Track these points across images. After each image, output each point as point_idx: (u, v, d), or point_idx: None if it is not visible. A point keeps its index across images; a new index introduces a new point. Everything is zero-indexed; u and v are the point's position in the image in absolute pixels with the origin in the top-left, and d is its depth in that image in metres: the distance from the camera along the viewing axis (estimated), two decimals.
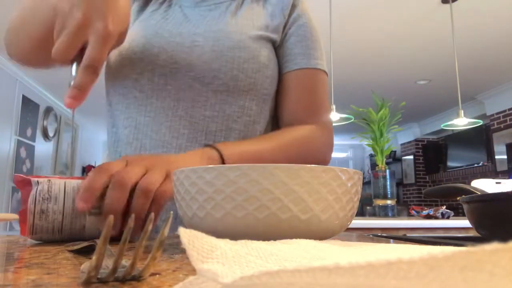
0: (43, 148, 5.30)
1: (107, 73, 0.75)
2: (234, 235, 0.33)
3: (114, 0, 0.48)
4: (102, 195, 0.45)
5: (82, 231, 0.46)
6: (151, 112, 0.69)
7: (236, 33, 0.70)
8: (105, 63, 0.73)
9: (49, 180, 0.46)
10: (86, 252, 0.34)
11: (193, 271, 0.24)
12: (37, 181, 0.45)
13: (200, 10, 0.75)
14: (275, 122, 0.79)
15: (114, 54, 0.73)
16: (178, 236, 0.18)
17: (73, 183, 0.47)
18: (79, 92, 0.47)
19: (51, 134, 5.45)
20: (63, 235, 0.45)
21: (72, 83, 0.47)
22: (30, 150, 4.94)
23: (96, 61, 0.47)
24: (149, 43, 0.70)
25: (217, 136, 0.68)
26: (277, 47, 0.76)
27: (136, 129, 0.70)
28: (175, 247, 0.39)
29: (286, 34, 0.76)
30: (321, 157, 0.74)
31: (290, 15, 0.76)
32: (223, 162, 0.59)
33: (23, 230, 0.45)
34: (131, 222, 0.20)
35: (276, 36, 0.74)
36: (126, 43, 0.71)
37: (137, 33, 0.72)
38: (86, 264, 0.23)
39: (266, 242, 0.26)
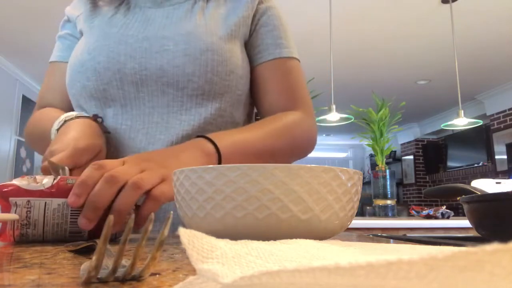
0: None
1: (71, 87, 0.72)
2: (234, 235, 0.33)
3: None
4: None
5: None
6: (127, 121, 0.68)
7: (207, 34, 0.69)
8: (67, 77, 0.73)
9: (28, 202, 0.43)
10: (86, 252, 0.34)
11: (193, 271, 0.24)
12: (15, 203, 0.43)
13: (163, 11, 0.73)
14: (250, 120, 0.80)
15: (76, 66, 0.70)
16: (178, 236, 0.18)
17: (54, 203, 0.44)
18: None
19: None
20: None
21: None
22: (30, 150, 4.94)
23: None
24: (114, 51, 0.67)
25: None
26: (247, 40, 0.75)
27: (114, 138, 0.68)
28: (175, 247, 0.39)
29: (255, 25, 0.75)
30: (310, 140, 0.75)
31: (257, 6, 0.76)
32: (219, 154, 0.58)
33: (3, 238, 0.44)
34: (131, 222, 0.20)
35: (245, 30, 0.74)
36: (86, 54, 0.69)
37: (97, 41, 0.70)
38: (86, 264, 0.23)
39: (266, 242, 0.26)
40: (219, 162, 0.58)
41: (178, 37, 0.68)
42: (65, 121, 0.63)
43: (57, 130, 0.63)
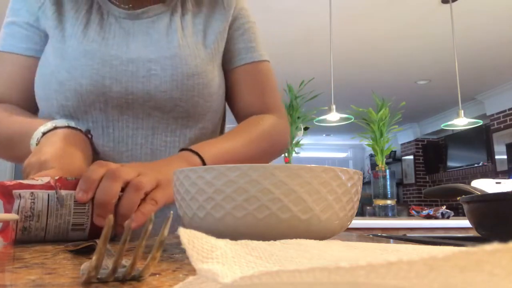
0: None
1: (45, 101, 0.67)
2: (234, 235, 0.33)
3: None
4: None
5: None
6: (109, 142, 0.66)
7: (191, 57, 0.68)
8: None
9: (32, 193, 0.43)
10: (86, 252, 0.34)
11: (193, 271, 0.24)
12: (19, 194, 0.43)
13: (141, 25, 0.69)
14: (223, 123, 0.81)
15: (51, 84, 0.65)
16: (178, 236, 0.18)
17: (59, 194, 0.45)
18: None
19: None
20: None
21: None
22: None
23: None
24: (98, 74, 0.64)
25: None
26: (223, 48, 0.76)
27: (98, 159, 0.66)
28: (175, 247, 0.39)
29: (229, 31, 0.76)
30: (284, 141, 0.79)
31: (233, 14, 0.76)
32: (204, 164, 0.59)
33: (4, 237, 0.44)
34: (131, 222, 0.20)
35: (223, 43, 0.75)
36: (65, 73, 0.64)
37: (77, 59, 0.64)
38: (86, 264, 0.23)
39: (266, 242, 0.26)
40: None
41: (164, 61, 0.66)
42: (56, 127, 0.60)
43: (43, 133, 0.60)
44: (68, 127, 0.61)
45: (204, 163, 0.59)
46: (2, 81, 0.70)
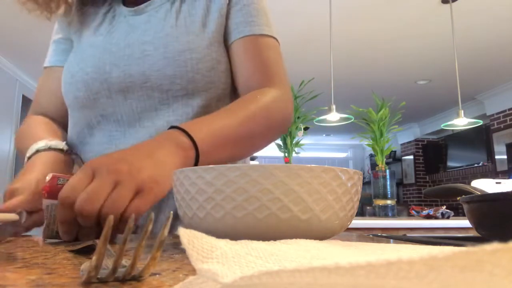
0: None
1: (66, 98, 0.74)
2: (234, 235, 0.33)
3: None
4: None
5: None
6: (120, 127, 0.69)
7: (184, 34, 0.69)
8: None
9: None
10: (86, 252, 0.34)
11: (193, 271, 0.24)
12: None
13: (145, 16, 0.74)
14: None
15: (67, 77, 0.72)
16: (178, 236, 0.18)
17: (44, 204, 0.49)
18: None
19: None
20: None
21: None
22: None
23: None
24: (100, 61, 0.69)
25: None
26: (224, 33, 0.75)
27: (110, 143, 0.69)
28: (175, 247, 0.39)
29: (228, 9, 0.74)
30: (287, 117, 0.73)
31: None
32: (196, 148, 0.56)
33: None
34: (131, 222, 0.20)
35: (222, 20, 0.73)
36: (75, 65, 0.71)
37: (84, 51, 0.72)
38: (86, 264, 0.23)
39: (266, 242, 0.26)
40: (197, 156, 0.56)
41: (157, 41, 0.68)
42: (37, 151, 0.65)
43: (28, 158, 0.65)
44: (50, 148, 0.66)
45: (194, 144, 0.56)
46: (43, 94, 0.81)
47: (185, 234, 0.18)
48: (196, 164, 0.56)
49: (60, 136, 0.74)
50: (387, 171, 2.67)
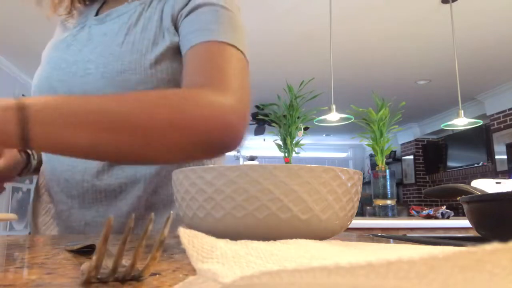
0: None
1: None
2: (234, 235, 0.33)
3: None
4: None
5: None
6: None
7: (128, 53, 0.65)
8: None
9: None
10: (86, 252, 0.34)
11: (193, 271, 0.24)
12: None
13: (104, 27, 0.71)
14: None
15: (32, 91, 0.73)
16: (178, 236, 0.18)
17: None
18: None
19: None
20: None
21: None
22: None
23: None
24: (49, 77, 0.69)
25: None
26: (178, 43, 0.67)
27: (51, 156, 0.70)
28: (175, 247, 0.39)
29: (180, 25, 0.67)
30: (220, 121, 0.52)
31: (184, 7, 0.67)
32: (23, 107, 0.44)
33: None
34: (131, 222, 0.20)
35: (172, 38, 0.66)
36: (35, 79, 0.72)
37: (43, 66, 0.73)
38: (86, 264, 0.23)
39: (266, 242, 0.26)
40: (24, 120, 0.44)
41: (99, 60, 0.66)
42: None
43: None
44: None
45: (23, 106, 0.44)
46: None
47: (185, 234, 0.18)
48: (23, 132, 0.44)
49: None
50: (387, 171, 2.67)
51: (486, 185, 2.28)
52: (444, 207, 2.45)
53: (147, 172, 0.67)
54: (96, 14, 0.76)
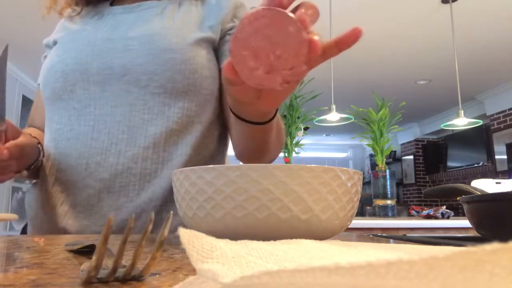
0: None
1: (43, 91, 0.75)
2: (234, 235, 0.33)
3: None
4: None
5: None
6: (90, 121, 0.68)
7: (172, 35, 0.69)
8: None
9: None
10: (86, 252, 0.34)
11: (193, 271, 0.24)
12: None
13: (134, 15, 0.74)
14: (221, 123, 0.77)
15: (46, 69, 0.73)
16: (178, 236, 0.18)
17: None
18: None
19: None
20: None
21: None
22: None
23: None
24: (82, 53, 0.70)
25: (156, 138, 0.67)
26: (216, 48, 0.74)
27: (77, 140, 0.68)
28: (175, 247, 0.39)
29: (224, 35, 0.74)
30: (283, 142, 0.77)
31: (228, 14, 0.75)
32: None
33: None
34: (131, 222, 0.20)
35: (214, 36, 0.73)
36: (56, 57, 0.72)
37: (66, 44, 0.73)
38: (86, 264, 0.23)
39: (266, 242, 0.26)
40: None
41: (143, 38, 0.69)
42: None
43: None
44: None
45: None
46: (37, 111, 0.84)
47: (185, 234, 0.18)
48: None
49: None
50: (387, 171, 2.67)
51: (486, 185, 2.28)
52: (444, 207, 2.45)
53: (182, 159, 0.68)
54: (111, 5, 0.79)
